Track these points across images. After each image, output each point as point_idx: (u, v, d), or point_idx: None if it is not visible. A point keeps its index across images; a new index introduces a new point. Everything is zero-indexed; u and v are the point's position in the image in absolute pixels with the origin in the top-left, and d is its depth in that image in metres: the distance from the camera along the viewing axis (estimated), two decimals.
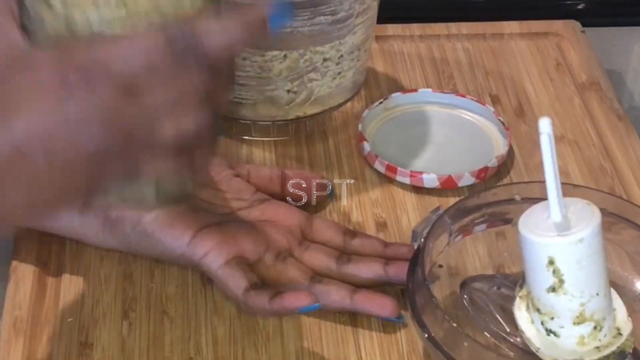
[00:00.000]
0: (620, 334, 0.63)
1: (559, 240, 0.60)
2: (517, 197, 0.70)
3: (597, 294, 0.61)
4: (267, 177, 0.77)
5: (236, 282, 0.68)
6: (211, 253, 0.69)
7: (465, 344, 0.61)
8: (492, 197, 0.71)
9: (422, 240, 0.67)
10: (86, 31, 0.50)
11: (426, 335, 0.63)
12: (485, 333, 0.66)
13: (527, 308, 0.64)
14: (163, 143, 0.49)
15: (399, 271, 0.70)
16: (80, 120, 0.47)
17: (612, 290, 0.64)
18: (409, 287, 0.66)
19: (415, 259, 0.67)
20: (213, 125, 0.51)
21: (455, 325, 0.62)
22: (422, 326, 0.63)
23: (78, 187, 0.49)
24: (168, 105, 0.49)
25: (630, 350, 0.62)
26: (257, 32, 0.51)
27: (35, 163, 0.47)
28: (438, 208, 0.71)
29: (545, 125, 0.59)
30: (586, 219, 0.60)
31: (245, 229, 0.71)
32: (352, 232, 0.75)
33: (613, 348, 0.62)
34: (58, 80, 0.47)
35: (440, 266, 0.70)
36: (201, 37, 0.49)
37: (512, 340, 0.65)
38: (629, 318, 0.64)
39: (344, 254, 0.72)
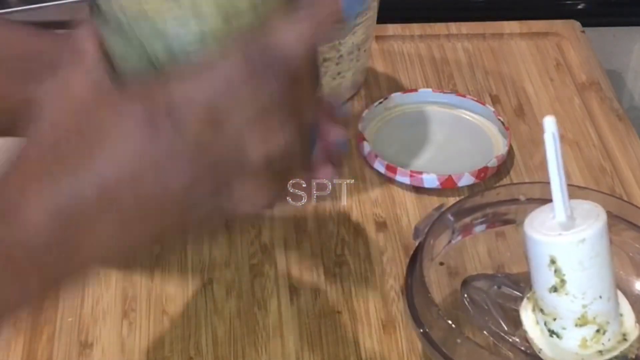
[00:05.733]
0: (625, 339, 0.62)
1: (560, 240, 0.59)
2: (522, 198, 0.70)
3: (601, 297, 0.60)
4: None
5: None
6: None
7: (459, 340, 0.61)
8: (496, 197, 0.71)
9: (424, 237, 0.67)
10: (167, 58, 0.47)
11: (421, 331, 0.63)
12: (485, 332, 0.66)
13: (534, 309, 0.63)
14: (253, 165, 0.47)
15: None
16: (168, 160, 0.45)
17: (621, 295, 0.63)
18: (407, 283, 0.65)
19: (415, 256, 0.66)
20: (304, 137, 0.49)
21: (450, 322, 0.62)
22: (417, 322, 0.63)
23: (171, 225, 0.48)
24: (252, 126, 0.46)
25: (633, 356, 0.61)
26: (333, 25, 0.48)
27: (125, 207, 0.46)
28: (441, 206, 0.71)
29: (550, 124, 0.59)
30: (590, 220, 0.60)
31: None
32: None
33: (616, 353, 0.61)
34: (143, 120, 0.45)
35: (442, 264, 0.69)
36: (278, 48, 0.46)
37: (511, 339, 0.65)
38: (637, 324, 0.63)
39: None
